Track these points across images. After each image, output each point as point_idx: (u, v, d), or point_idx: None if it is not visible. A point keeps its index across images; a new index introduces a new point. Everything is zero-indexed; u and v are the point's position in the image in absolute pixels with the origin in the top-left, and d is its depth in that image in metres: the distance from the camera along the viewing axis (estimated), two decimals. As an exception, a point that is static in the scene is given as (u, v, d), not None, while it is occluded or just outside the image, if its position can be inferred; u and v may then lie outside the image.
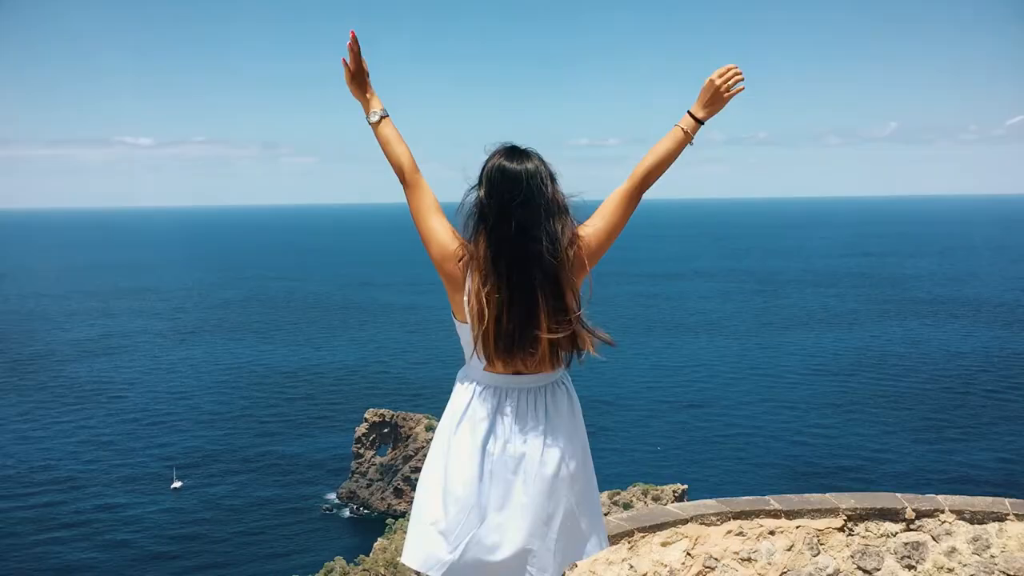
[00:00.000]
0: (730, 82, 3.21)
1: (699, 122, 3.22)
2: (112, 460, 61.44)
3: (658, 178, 3.24)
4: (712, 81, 3.20)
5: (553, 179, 3.01)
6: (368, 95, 3.24)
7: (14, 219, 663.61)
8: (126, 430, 67.89)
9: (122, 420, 70.28)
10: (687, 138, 3.21)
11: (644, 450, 61.54)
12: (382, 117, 3.22)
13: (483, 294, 2.94)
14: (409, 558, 3.08)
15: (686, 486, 44.74)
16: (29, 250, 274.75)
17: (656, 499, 41.97)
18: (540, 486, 2.98)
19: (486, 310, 2.94)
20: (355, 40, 3.18)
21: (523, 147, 3.04)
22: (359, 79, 3.23)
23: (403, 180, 3.20)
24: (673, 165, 3.25)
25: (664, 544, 5.68)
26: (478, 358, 3.02)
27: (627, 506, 39.90)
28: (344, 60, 3.19)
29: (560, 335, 2.96)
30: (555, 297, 2.95)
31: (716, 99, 3.22)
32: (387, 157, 3.22)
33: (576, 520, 3.08)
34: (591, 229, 3.09)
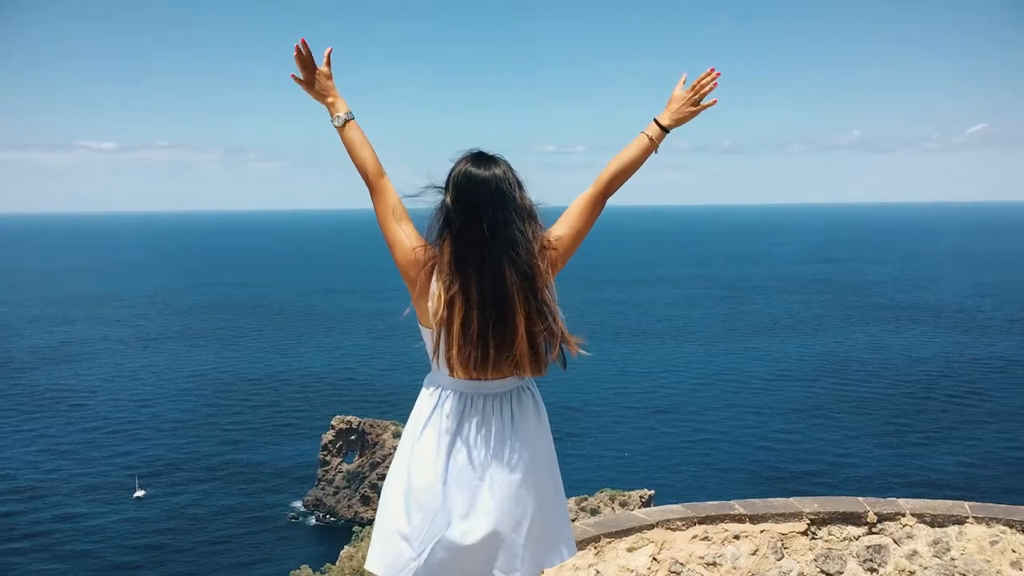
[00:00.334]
0: (704, 90, 3.21)
1: (665, 130, 3.23)
2: (73, 469, 60.34)
3: (622, 184, 3.24)
4: (686, 92, 3.21)
5: (520, 185, 2.99)
6: (331, 99, 3.20)
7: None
8: (87, 438, 66.76)
9: (83, 428, 69.10)
10: (652, 146, 3.22)
11: (611, 456, 61.74)
12: (347, 120, 3.17)
13: (447, 299, 2.92)
14: (372, 564, 3.05)
15: (653, 491, 44.89)
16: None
17: (623, 504, 42.10)
18: (507, 492, 2.96)
19: (451, 315, 2.92)
20: (301, 47, 3.13)
21: (490, 153, 3.01)
22: (317, 85, 3.19)
23: (368, 184, 3.16)
24: (638, 172, 3.27)
25: (630, 549, 5.71)
26: (440, 364, 3.00)
27: (594, 512, 39.97)
28: (292, 75, 3.16)
29: (544, 336, 2.97)
30: (535, 299, 2.93)
31: (687, 106, 3.23)
32: (352, 160, 3.17)
33: (544, 526, 3.06)
34: (557, 235, 3.08)
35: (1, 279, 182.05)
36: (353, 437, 58.75)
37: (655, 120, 3.23)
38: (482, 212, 2.88)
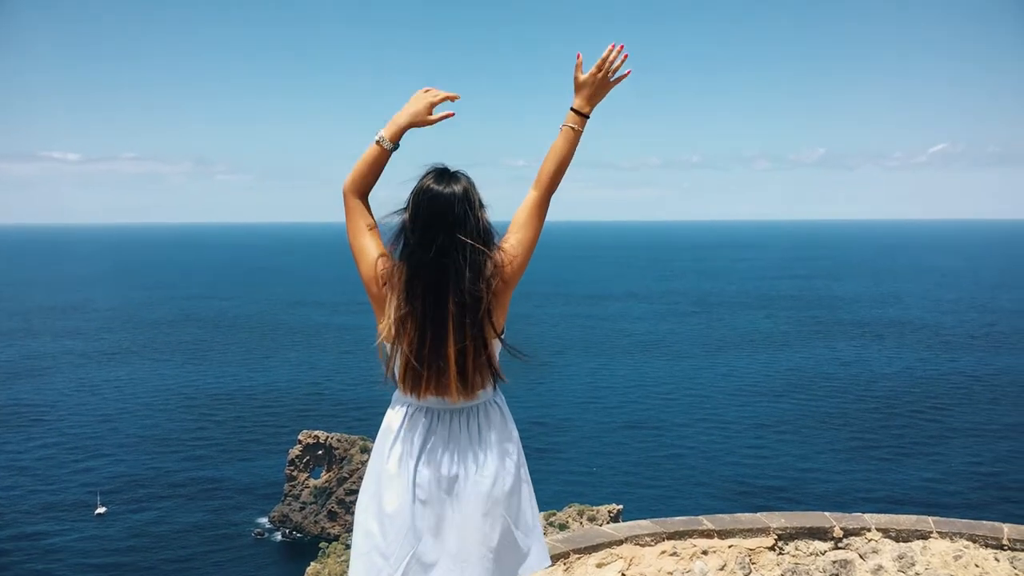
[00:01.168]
0: (614, 66, 3.20)
1: (585, 116, 3.23)
2: (32, 486, 59.05)
3: (560, 180, 3.23)
4: (593, 75, 3.19)
5: (480, 204, 3.02)
6: (403, 128, 3.19)
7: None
8: (47, 454, 65.42)
9: (43, 444, 67.72)
10: (578, 135, 3.23)
11: (579, 471, 61.72)
12: (387, 145, 3.16)
13: (398, 318, 2.96)
14: None
15: (621, 506, 44.98)
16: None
17: (592, 519, 42.10)
18: (475, 506, 3.00)
19: (400, 335, 2.98)
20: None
21: (453, 169, 3.04)
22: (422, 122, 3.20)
23: (348, 195, 3.16)
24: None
25: (599, 565, 5.70)
26: (395, 382, 3.07)
27: (563, 527, 39.93)
28: (443, 115, 3.20)
29: (475, 366, 2.98)
30: (473, 327, 2.94)
31: (601, 88, 3.23)
32: (358, 170, 3.16)
33: (514, 538, 3.10)
34: (511, 244, 3.08)
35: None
36: (320, 452, 58.23)
37: (573, 109, 3.22)
38: (435, 233, 2.92)
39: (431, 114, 3.17)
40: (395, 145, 3.14)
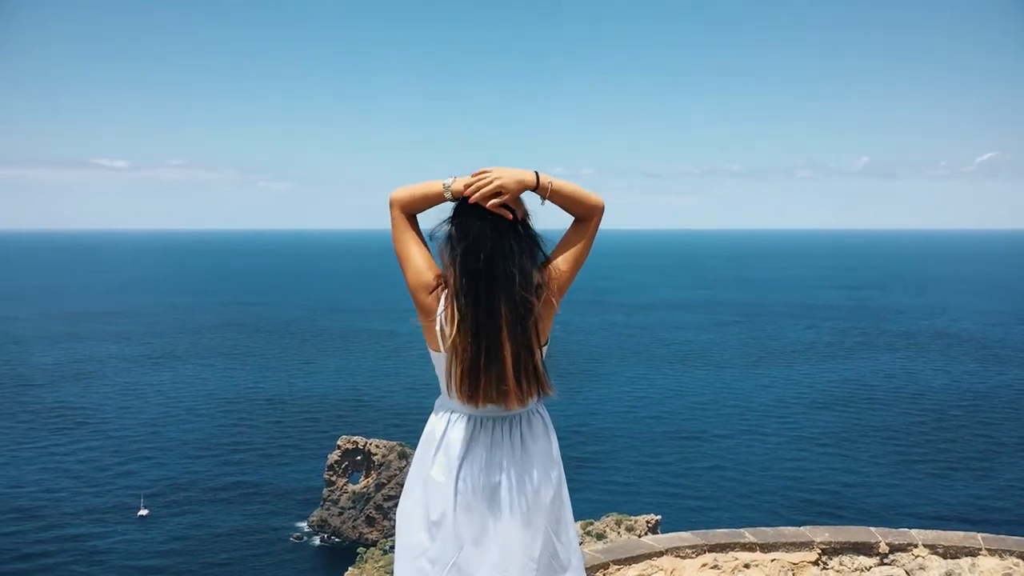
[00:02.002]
0: (482, 191, 2.99)
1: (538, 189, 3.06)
2: (75, 488, 60.04)
3: (583, 210, 3.11)
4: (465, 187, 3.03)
5: (526, 214, 3.05)
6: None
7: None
8: (90, 457, 66.55)
9: (87, 447, 68.95)
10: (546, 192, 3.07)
11: (617, 480, 61.38)
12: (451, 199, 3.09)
13: (454, 326, 2.97)
14: None
15: (659, 517, 44.65)
16: (2, 272, 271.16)
17: (629, 529, 41.87)
18: (516, 516, 3.01)
19: (457, 343, 2.98)
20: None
21: None
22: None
23: (395, 208, 3.16)
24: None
25: (639, 577, 5.64)
26: (451, 389, 3.05)
27: (600, 536, 39.73)
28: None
29: (525, 373, 2.99)
30: (523, 334, 2.96)
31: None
32: (414, 196, 3.12)
33: (554, 549, 3.09)
34: (559, 258, 3.10)
35: (13, 295, 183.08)
36: (359, 457, 58.60)
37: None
38: (482, 243, 2.94)
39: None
40: (453, 198, 3.08)
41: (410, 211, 3.15)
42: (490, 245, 2.94)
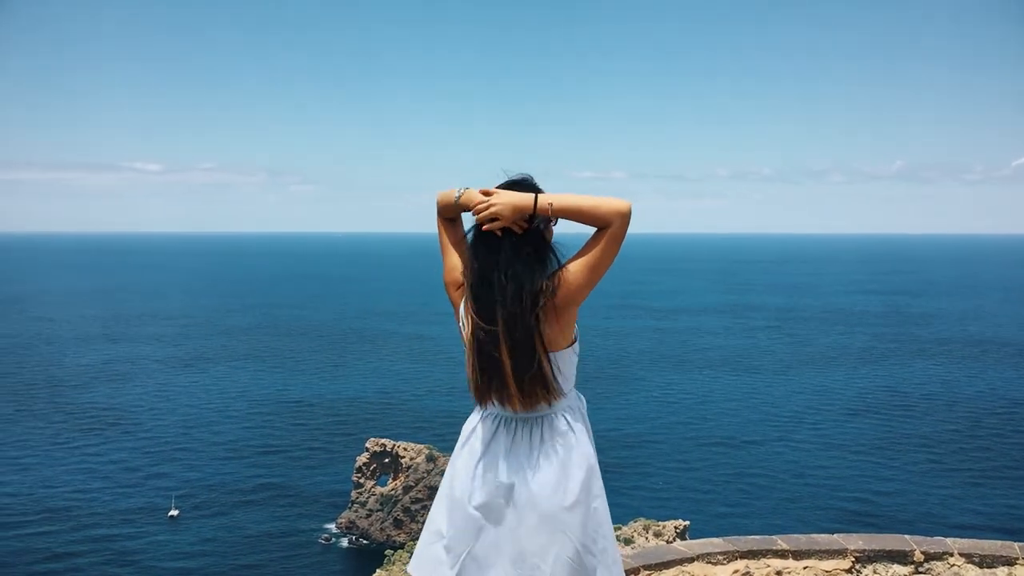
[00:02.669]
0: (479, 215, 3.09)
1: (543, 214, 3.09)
2: (108, 488, 60.75)
3: (595, 220, 3.06)
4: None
5: (544, 218, 3.06)
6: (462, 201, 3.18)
7: (23, 242, 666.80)
8: (121, 458, 67.26)
9: (119, 448, 69.73)
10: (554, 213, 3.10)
11: (646, 485, 61.09)
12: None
13: (471, 326, 3.08)
14: (414, 568, 3.24)
15: (688, 522, 44.37)
16: (36, 274, 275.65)
17: (657, 535, 41.65)
18: (531, 516, 3.04)
19: (469, 343, 3.10)
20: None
21: (530, 181, 3.11)
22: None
23: (438, 214, 3.31)
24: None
25: (669, 583, 5.60)
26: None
27: (628, 541, 39.58)
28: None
29: (528, 378, 3.03)
30: (523, 341, 3.00)
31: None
32: (441, 199, 3.26)
33: (579, 556, 3.06)
34: (572, 264, 3.08)
35: (48, 297, 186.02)
36: (387, 460, 58.82)
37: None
38: (478, 255, 3.06)
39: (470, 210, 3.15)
40: (464, 209, 3.16)
41: (441, 214, 3.30)
42: (482, 258, 3.03)
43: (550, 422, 3.12)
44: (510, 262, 2.99)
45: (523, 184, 3.09)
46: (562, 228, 3.16)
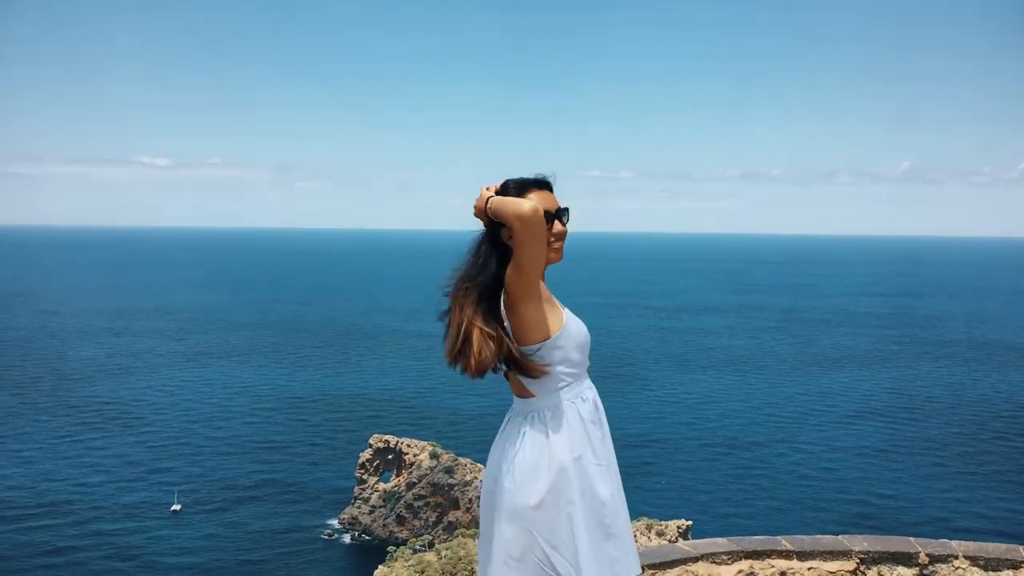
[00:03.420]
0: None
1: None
2: (111, 483, 60.84)
3: (504, 222, 3.20)
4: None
5: (511, 227, 3.13)
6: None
7: (30, 235, 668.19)
8: (125, 452, 67.43)
9: (122, 443, 69.86)
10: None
11: (649, 485, 60.98)
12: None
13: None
14: None
15: (691, 522, 44.33)
16: (42, 267, 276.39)
17: (660, 534, 41.62)
18: (497, 510, 3.22)
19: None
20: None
21: (526, 179, 3.29)
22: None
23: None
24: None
25: (673, 582, 5.58)
26: None
27: (631, 541, 39.52)
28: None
29: (489, 358, 3.16)
30: (486, 320, 3.16)
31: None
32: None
33: (548, 558, 3.15)
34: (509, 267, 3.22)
35: (54, 290, 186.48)
36: (390, 456, 58.87)
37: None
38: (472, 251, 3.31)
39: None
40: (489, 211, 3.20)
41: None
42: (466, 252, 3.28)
43: (531, 421, 3.25)
44: (478, 257, 3.23)
45: (532, 183, 3.26)
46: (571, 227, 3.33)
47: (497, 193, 3.20)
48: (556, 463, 3.15)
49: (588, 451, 3.20)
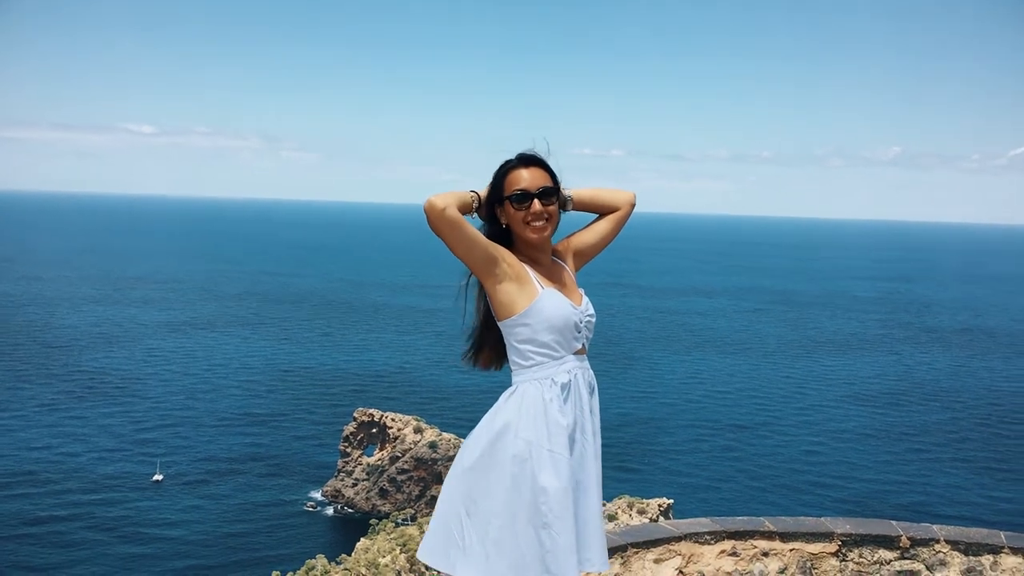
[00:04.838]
0: None
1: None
2: (92, 453, 60.46)
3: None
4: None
5: (508, 216, 3.24)
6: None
7: (15, 200, 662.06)
8: (108, 423, 67.02)
9: (104, 413, 69.46)
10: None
11: (631, 465, 61.27)
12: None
13: None
14: None
15: (672, 500, 44.58)
16: (28, 232, 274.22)
17: (641, 512, 41.84)
18: (451, 472, 3.22)
19: None
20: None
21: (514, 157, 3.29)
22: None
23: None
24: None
25: (657, 561, 5.60)
26: None
27: (611, 518, 39.79)
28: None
29: (476, 340, 3.41)
30: (479, 307, 3.38)
31: None
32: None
33: (460, 522, 3.09)
34: None
35: (39, 256, 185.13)
36: (375, 430, 58.97)
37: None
38: None
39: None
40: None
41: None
42: None
43: (508, 393, 3.26)
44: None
45: (511, 165, 3.28)
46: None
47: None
48: (496, 432, 3.09)
49: (543, 435, 3.06)
